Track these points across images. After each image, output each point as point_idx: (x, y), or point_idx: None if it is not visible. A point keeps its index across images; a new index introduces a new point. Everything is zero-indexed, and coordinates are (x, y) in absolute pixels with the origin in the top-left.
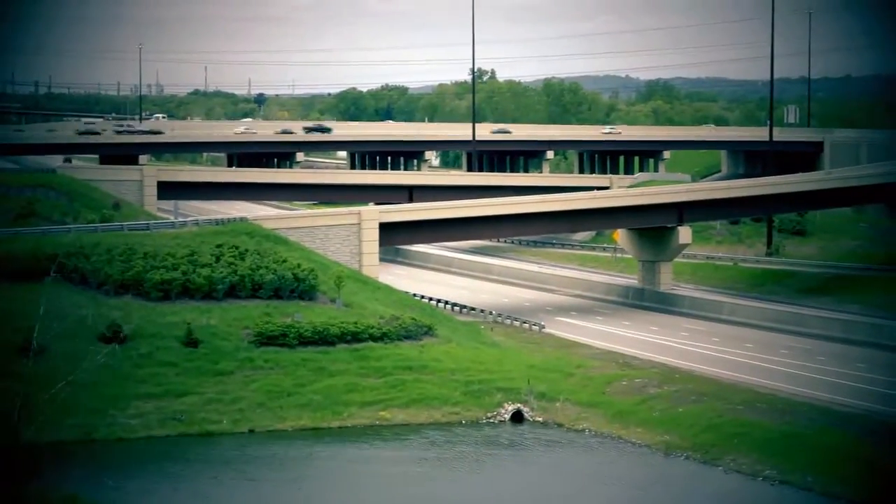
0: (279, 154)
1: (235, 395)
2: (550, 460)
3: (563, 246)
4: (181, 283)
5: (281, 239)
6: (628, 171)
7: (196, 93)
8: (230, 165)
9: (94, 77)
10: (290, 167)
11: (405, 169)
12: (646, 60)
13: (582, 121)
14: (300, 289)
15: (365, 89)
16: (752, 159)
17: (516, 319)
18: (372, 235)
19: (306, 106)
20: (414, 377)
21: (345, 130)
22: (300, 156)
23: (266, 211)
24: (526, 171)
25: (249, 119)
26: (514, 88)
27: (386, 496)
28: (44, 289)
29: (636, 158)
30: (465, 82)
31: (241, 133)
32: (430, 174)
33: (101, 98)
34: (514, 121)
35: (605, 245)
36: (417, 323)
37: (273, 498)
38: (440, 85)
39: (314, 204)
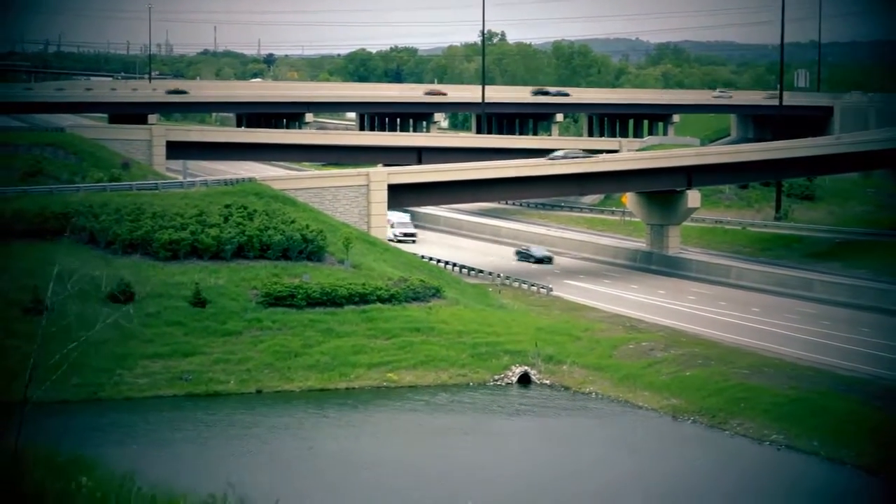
0: (288, 114)
1: (243, 355)
2: (558, 424)
3: (571, 209)
4: (189, 242)
5: (289, 200)
6: (637, 134)
7: (205, 53)
8: (239, 126)
9: (104, 36)
10: (300, 128)
11: (414, 131)
12: (656, 23)
13: (591, 84)
14: (308, 250)
15: (374, 50)
16: (761, 123)
17: (524, 282)
18: (380, 197)
19: (316, 66)
20: (421, 339)
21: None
22: (309, 117)
23: (275, 171)
24: (535, 133)
25: (259, 79)
26: (524, 51)
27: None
28: (59, 249)
29: (645, 122)
30: (475, 44)
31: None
32: (438, 136)
33: (110, 57)
34: (524, 83)
35: (613, 208)
36: (425, 285)
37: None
38: (450, 47)
39: (323, 165)
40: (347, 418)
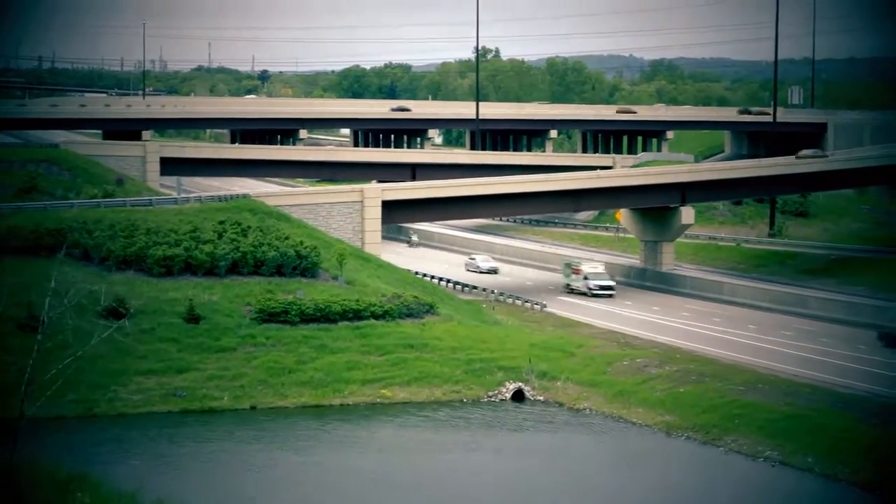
0: (282, 131)
1: (237, 371)
2: (555, 440)
3: (565, 225)
4: (183, 259)
5: (283, 216)
6: (631, 150)
7: (199, 69)
8: (233, 142)
9: (98, 52)
10: (294, 144)
11: (408, 147)
12: (650, 40)
13: (585, 100)
14: (302, 266)
15: (368, 67)
16: (755, 140)
17: (518, 298)
18: (374, 213)
19: (310, 83)
20: (415, 355)
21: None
22: (303, 133)
23: (269, 188)
24: (529, 150)
25: (253, 95)
26: (518, 67)
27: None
28: (54, 265)
29: (639, 138)
30: (469, 61)
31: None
32: (433, 152)
33: (104, 73)
34: (518, 99)
35: (607, 225)
36: (419, 301)
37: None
38: (444, 63)
39: (317, 181)
40: (350, 434)
